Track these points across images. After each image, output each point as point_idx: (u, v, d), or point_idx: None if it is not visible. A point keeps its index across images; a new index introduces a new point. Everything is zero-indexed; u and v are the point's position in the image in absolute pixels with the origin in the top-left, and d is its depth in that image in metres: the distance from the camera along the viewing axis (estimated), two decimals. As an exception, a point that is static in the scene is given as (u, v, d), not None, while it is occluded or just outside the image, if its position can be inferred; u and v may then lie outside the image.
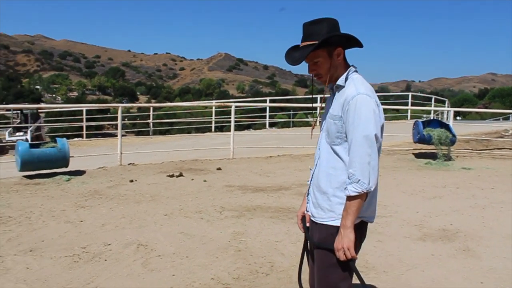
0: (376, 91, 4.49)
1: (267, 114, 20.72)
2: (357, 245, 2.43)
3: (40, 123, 19.43)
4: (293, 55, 2.51)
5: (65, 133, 20.85)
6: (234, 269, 4.65)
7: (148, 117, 24.24)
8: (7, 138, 18.46)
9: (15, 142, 15.80)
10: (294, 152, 12.34)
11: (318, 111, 11.55)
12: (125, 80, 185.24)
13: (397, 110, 25.20)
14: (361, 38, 2.47)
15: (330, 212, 2.47)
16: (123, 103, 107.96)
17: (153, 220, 6.29)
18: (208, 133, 19.25)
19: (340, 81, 2.48)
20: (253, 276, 4.51)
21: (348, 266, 2.42)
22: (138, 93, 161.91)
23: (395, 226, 6.18)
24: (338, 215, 2.42)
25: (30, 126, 18.21)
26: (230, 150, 11.69)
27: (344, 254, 2.35)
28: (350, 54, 2.58)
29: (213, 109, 20.94)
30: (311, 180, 2.65)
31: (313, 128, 2.97)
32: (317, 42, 2.39)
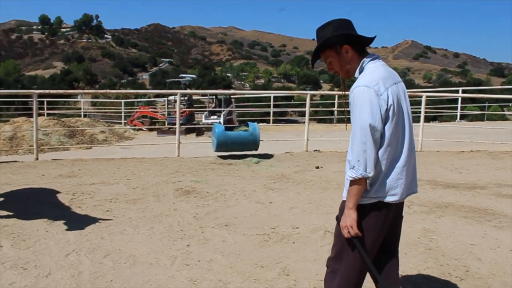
0: None
1: (459, 105, 19.28)
2: (374, 224, 2.63)
3: (232, 108, 20.85)
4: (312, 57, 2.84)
5: (251, 118, 22.05)
6: (424, 268, 4.40)
7: (330, 105, 24.36)
8: (203, 121, 20.20)
9: (210, 124, 17.23)
10: (490, 148, 11.27)
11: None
12: (309, 68, 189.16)
13: None
14: None
15: (346, 191, 2.66)
16: (306, 90, 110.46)
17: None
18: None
19: (356, 74, 2.70)
20: (446, 279, 4.21)
21: (352, 243, 2.62)
22: (321, 81, 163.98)
23: None
24: None
25: (223, 110, 19.64)
26: (418, 142, 11.14)
27: (348, 232, 2.58)
28: None
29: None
30: None
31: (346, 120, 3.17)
32: (317, 48, 2.72)
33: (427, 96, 12.69)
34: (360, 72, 2.67)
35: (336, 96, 20.10)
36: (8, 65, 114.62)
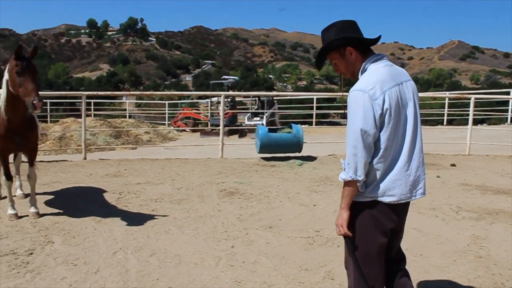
0: None
1: (509, 107, 18.62)
2: (368, 222, 2.66)
3: (274, 109, 20.83)
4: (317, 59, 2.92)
5: (293, 120, 21.95)
6: (475, 277, 4.25)
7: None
8: (246, 122, 20.28)
9: (252, 126, 17.28)
10: (543, 153, 10.83)
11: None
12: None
13: None
14: None
15: None
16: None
17: (384, 212, 6.16)
18: (439, 126, 18.20)
19: (359, 75, 2.70)
20: (498, 289, 4.06)
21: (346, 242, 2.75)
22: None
23: None
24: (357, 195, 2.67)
25: (266, 112, 19.66)
26: (466, 146, 10.83)
27: (340, 230, 2.68)
28: None
29: (446, 101, 19.61)
30: None
31: None
32: (321, 50, 2.76)
33: (477, 99, 12.32)
34: (362, 73, 2.69)
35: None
36: (58, 68, 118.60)
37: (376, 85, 2.54)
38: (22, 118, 5.49)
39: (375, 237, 2.67)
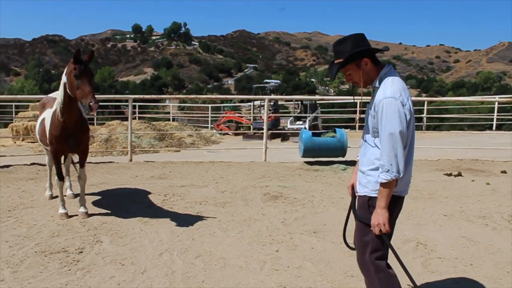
0: None
1: None
2: (391, 215, 2.95)
3: (317, 113, 20.69)
4: (330, 70, 3.10)
5: (336, 124, 21.75)
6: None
7: (417, 111, 23.49)
8: (289, 126, 20.24)
9: (295, 130, 17.22)
10: None
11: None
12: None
13: None
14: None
15: (365, 188, 3.07)
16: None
17: (432, 219, 6.02)
18: (488, 131, 17.65)
19: (375, 83, 3.00)
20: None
21: (382, 239, 3.00)
22: (408, 86, 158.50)
23: None
24: (371, 190, 3.01)
25: (309, 116, 19.56)
26: (517, 151, 10.46)
27: (380, 229, 2.90)
28: None
29: (496, 105, 19.01)
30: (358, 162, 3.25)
31: (357, 122, 4.06)
32: (343, 62, 2.95)
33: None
34: (379, 82, 2.97)
35: (425, 102, 19.36)
36: (104, 72, 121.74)
37: (402, 92, 2.87)
38: (76, 120, 5.68)
39: (393, 226, 3.13)
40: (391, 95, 2.84)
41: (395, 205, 3.02)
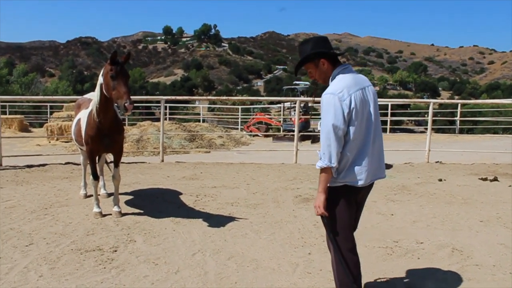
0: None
1: None
2: (341, 205, 3.30)
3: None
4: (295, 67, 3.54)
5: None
6: None
7: (450, 114, 23.05)
8: (319, 128, 20.13)
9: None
10: None
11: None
12: (427, 75, 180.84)
13: None
14: None
15: None
16: (424, 98, 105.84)
17: (467, 224, 5.89)
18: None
19: (329, 82, 3.33)
20: None
21: (323, 220, 3.34)
22: (440, 88, 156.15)
23: None
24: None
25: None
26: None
27: (317, 211, 3.26)
28: None
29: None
30: None
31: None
32: (301, 61, 3.40)
33: None
34: (332, 80, 3.30)
35: (459, 105, 19.01)
36: (135, 73, 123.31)
37: (343, 89, 3.16)
38: (111, 120, 5.77)
39: (348, 213, 3.34)
40: (331, 91, 3.17)
41: (348, 194, 3.31)
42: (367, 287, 4.11)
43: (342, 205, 3.30)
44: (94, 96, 5.80)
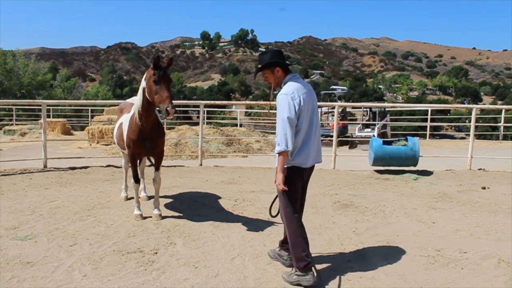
0: None
1: None
2: (292, 181, 4.21)
3: (386, 121, 20.25)
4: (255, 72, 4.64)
5: (404, 132, 21.16)
6: None
7: (493, 119, 22.40)
8: (357, 133, 19.95)
9: (363, 137, 16.93)
10: None
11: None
12: (468, 80, 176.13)
13: None
14: None
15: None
16: (464, 103, 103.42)
17: (513, 234, 5.70)
18: None
19: (282, 86, 4.28)
20: None
21: (281, 195, 4.26)
22: (481, 93, 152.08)
23: None
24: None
25: (377, 123, 19.18)
26: None
27: (279, 187, 4.15)
28: None
29: None
30: None
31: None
32: (260, 67, 4.36)
33: None
34: (284, 84, 4.26)
35: (503, 111, 18.48)
36: (173, 78, 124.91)
37: (294, 91, 4.12)
38: (153, 124, 5.86)
39: (298, 186, 4.30)
40: (285, 92, 4.11)
41: (297, 173, 4.23)
42: (409, 296, 4.03)
43: (295, 182, 4.22)
44: (136, 100, 5.90)
